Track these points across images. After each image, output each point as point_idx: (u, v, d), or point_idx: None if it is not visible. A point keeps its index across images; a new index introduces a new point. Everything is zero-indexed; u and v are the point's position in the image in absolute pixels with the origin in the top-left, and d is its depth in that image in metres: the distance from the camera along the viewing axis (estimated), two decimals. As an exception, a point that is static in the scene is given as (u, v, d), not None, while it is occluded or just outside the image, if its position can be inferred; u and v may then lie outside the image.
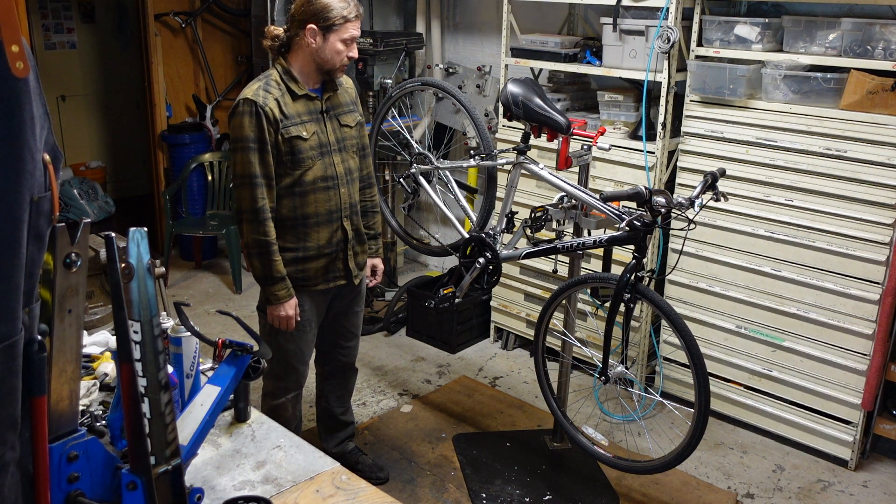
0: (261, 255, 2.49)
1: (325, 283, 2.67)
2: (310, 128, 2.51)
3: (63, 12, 6.23)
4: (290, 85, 2.48)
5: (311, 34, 2.43)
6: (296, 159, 2.49)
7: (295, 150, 2.47)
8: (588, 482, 3.10)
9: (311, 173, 2.52)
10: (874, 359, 3.06)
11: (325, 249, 2.62)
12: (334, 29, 2.43)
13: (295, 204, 2.54)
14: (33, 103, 0.99)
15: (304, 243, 2.58)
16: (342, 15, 2.43)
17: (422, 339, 4.35)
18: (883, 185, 2.93)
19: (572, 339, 3.08)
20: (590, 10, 4.01)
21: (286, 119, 2.45)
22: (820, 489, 3.15)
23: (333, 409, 3.04)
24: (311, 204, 2.55)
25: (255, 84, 2.47)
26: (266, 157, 2.44)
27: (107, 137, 6.69)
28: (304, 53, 2.48)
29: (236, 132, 2.43)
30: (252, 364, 1.60)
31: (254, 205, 2.44)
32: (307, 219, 2.56)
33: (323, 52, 2.46)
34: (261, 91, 2.43)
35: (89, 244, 1.17)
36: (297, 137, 2.47)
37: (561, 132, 2.77)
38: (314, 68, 2.51)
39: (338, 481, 1.57)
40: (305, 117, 2.50)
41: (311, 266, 2.62)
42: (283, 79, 2.49)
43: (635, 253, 2.51)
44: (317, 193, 2.55)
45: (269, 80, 2.48)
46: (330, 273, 2.67)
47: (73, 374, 1.18)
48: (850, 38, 2.95)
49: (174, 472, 1.25)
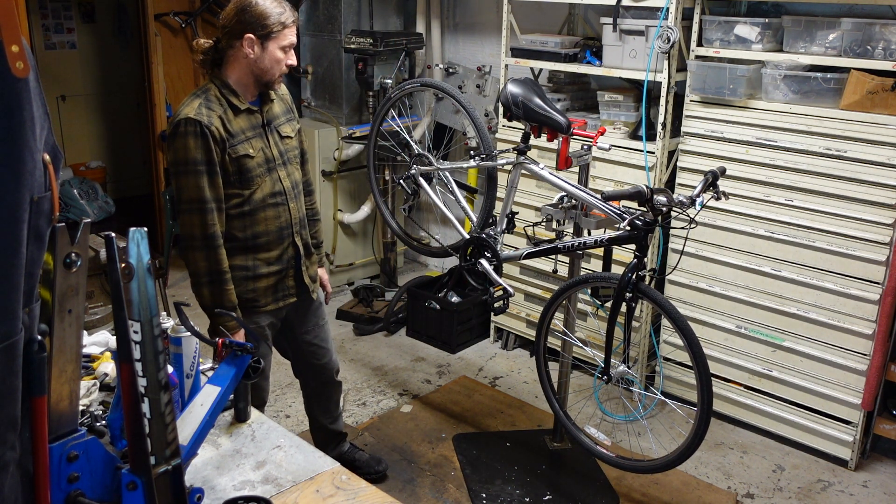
0: (212, 284, 2.37)
1: (275, 303, 2.56)
2: (255, 144, 2.38)
3: (63, 12, 6.23)
4: (231, 99, 2.35)
5: (248, 44, 2.30)
6: (244, 178, 2.36)
7: (243, 169, 2.35)
8: (588, 482, 3.10)
9: (259, 191, 2.41)
10: (874, 359, 3.06)
11: (274, 267, 2.51)
12: (272, 37, 2.31)
13: (245, 224, 2.42)
14: (33, 103, 0.99)
15: (254, 262, 2.47)
16: (280, 21, 2.31)
17: (422, 339, 4.35)
18: (883, 185, 2.93)
19: (573, 338, 3.08)
20: (590, 10, 4.01)
21: (232, 137, 2.33)
22: (820, 489, 3.15)
23: (322, 421, 2.99)
24: (261, 222, 2.44)
25: (194, 101, 2.31)
26: (215, 180, 2.31)
27: (107, 137, 6.69)
28: (241, 65, 2.34)
29: (180, 154, 2.27)
30: (252, 364, 1.60)
31: (205, 231, 2.31)
32: (257, 238, 2.45)
33: (262, 62, 2.33)
34: (203, 109, 2.28)
35: (89, 244, 1.17)
36: (245, 156, 2.35)
37: (561, 132, 2.77)
38: (252, 80, 2.37)
39: (338, 481, 1.57)
40: (249, 133, 2.38)
41: (261, 285, 2.51)
42: (223, 93, 2.34)
43: (636, 252, 2.51)
44: (266, 211, 2.44)
45: (209, 95, 2.33)
46: (279, 292, 2.56)
47: (73, 374, 1.18)
48: (850, 38, 2.95)
49: (174, 472, 1.25)
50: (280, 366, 3.98)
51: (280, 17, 2.31)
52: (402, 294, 4.50)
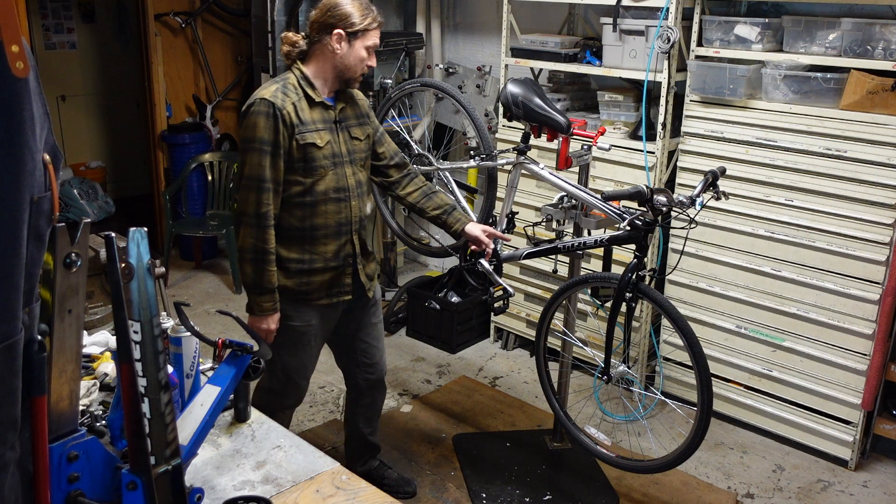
0: (255, 262, 2.41)
1: (329, 299, 2.58)
2: (324, 136, 2.44)
3: (63, 12, 6.22)
4: (308, 91, 2.42)
5: (337, 39, 2.38)
6: (308, 167, 2.42)
7: (308, 157, 2.41)
8: (588, 482, 3.10)
9: (322, 183, 2.45)
10: (874, 359, 3.06)
11: (331, 263, 2.53)
12: (360, 35, 2.40)
13: (304, 214, 2.46)
14: (33, 103, 0.99)
15: (311, 255, 2.50)
16: (368, 22, 2.41)
17: (422, 339, 4.35)
18: (883, 185, 2.93)
19: (573, 338, 3.08)
20: (590, 10, 4.01)
21: (302, 125, 2.39)
22: (820, 489, 3.15)
23: (362, 430, 2.95)
24: (320, 215, 2.48)
25: (272, 85, 2.40)
26: (277, 162, 2.37)
27: (107, 137, 6.69)
28: (325, 60, 2.43)
29: (249, 132, 2.36)
30: (252, 364, 1.60)
31: (258, 209, 2.37)
32: (316, 230, 2.49)
33: (347, 59, 2.41)
34: (279, 93, 2.37)
35: (89, 244, 1.17)
36: (312, 145, 2.40)
37: (561, 132, 2.77)
38: (333, 76, 2.45)
39: (338, 481, 1.57)
40: (320, 125, 2.44)
41: (316, 279, 2.54)
42: (301, 84, 2.43)
43: (636, 252, 2.51)
44: (328, 205, 2.47)
45: (287, 83, 2.42)
46: (334, 288, 2.58)
47: (73, 374, 1.18)
48: (850, 38, 2.95)
49: (174, 472, 1.25)
50: (280, 366, 3.98)
51: (369, 17, 2.42)
52: (402, 294, 4.51)
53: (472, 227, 2.72)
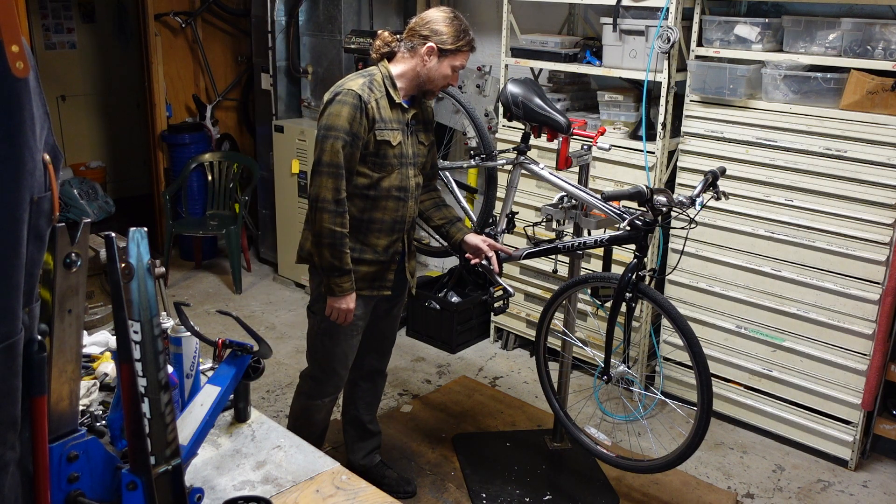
0: (333, 246, 2.47)
1: (370, 290, 2.65)
2: (397, 136, 2.51)
3: (63, 12, 6.23)
4: (391, 90, 2.49)
5: (429, 52, 2.46)
6: (379, 163, 2.50)
7: (381, 153, 2.49)
8: (588, 482, 3.10)
9: (388, 180, 2.53)
10: (874, 359, 3.06)
11: (380, 257, 2.61)
12: (450, 54, 2.47)
13: (365, 206, 2.54)
14: (33, 103, 0.99)
15: (363, 245, 2.59)
16: (461, 44, 2.47)
17: (422, 339, 4.35)
18: (883, 185, 2.93)
19: (573, 338, 3.08)
20: (590, 10, 4.01)
21: (381, 121, 2.46)
22: (820, 489, 3.15)
23: (362, 416, 3.00)
24: (380, 210, 2.55)
25: (359, 79, 2.47)
26: (354, 153, 2.44)
27: (107, 137, 6.69)
28: (410, 66, 2.50)
29: (332, 120, 2.41)
30: (252, 364, 1.60)
31: (337, 195, 2.44)
32: (372, 223, 2.57)
33: (433, 72, 2.49)
34: (366, 87, 2.44)
35: (89, 244, 1.17)
36: (386, 142, 2.48)
37: (561, 132, 2.77)
38: (415, 84, 2.53)
39: (338, 481, 1.57)
40: (395, 125, 2.51)
41: (362, 269, 2.60)
42: (385, 83, 2.49)
43: (636, 252, 2.51)
44: (388, 201, 2.55)
45: (374, 79, 2.49)
46: (377, 281, 2.65)
47: (73, 374, 1.18)
48: (850, 38, 2.95)
49: (174, 472, 1.25)
50: (280, 366, 3.98)
51: (465, 40, 2.48)
52: (402, 294, 4.50)
53: (472, 236, 2.76)
